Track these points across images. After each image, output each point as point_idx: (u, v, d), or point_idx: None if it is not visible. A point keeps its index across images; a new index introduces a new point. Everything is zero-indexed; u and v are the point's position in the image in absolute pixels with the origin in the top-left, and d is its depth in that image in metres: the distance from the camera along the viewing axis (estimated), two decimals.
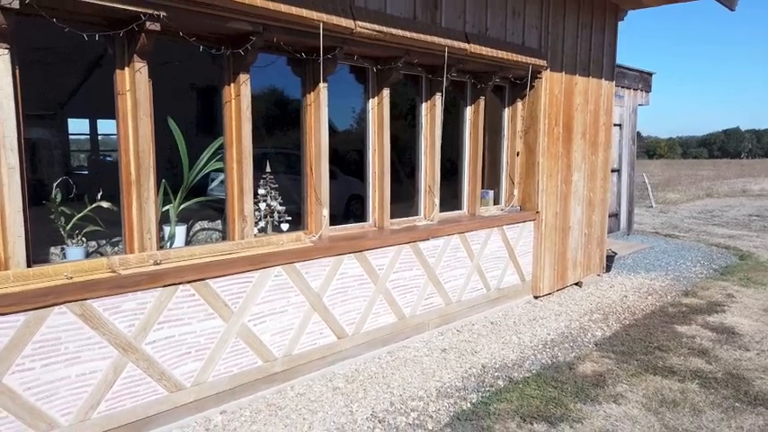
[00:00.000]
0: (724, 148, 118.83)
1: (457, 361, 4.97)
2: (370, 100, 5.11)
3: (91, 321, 3.29)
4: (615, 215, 11.56)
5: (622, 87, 11.08)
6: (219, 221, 4.76)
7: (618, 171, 11.51)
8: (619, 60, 8.25)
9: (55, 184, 3.64)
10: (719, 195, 23.99)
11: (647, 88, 11.96)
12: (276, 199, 4.54)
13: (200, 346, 3.82)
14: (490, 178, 6.86)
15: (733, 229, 13.35)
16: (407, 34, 4.78)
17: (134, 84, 3.52)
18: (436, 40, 5.06)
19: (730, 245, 10.90)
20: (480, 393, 4.33)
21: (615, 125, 10.98)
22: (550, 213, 6.89)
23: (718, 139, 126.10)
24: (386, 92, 5.07)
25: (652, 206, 18.96)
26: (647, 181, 20.21)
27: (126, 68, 3.53)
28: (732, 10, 7.69)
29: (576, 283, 7.56)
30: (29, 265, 3.14)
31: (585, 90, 7.29)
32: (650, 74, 11.98)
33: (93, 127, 11.64)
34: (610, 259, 8.34)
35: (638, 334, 5.67)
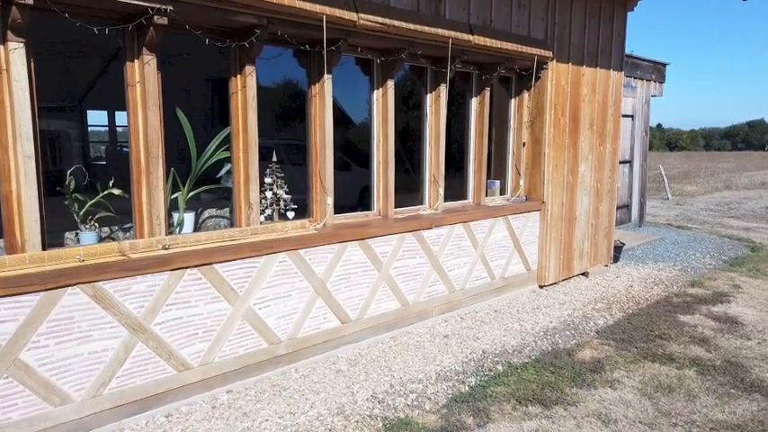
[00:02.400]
0: (748, 140, 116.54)
1: (458, 346, 5.09)
2: (375, 91, 5.21)
3: (102, 302, 3.47)
4: (626, 206, 11.54)
5: (635, 78, 11.03)
6: (227, 209, 4.91)
7: (630, 162, 11.47)
8: (635, 52, 8.23)
9: (68, 172, 3.81)
10: (738, 188, 23.66)
11: (661, 79, 11.88)
12: (282, 187, 4.69)
13: (207, 328, 3.99)
14: (496, 168, 6.94)
15: (749, 222, 13.23)
16: (411, 26, 4.87)
17: (143, 75, 3.67)
18: (440, 31, 5.14)
19: (743, 237, 10.83)
20: (479, 377, 4.44)
21: (627, 116, 10.95)
22: (556, 204, 6.94)
23: (741, 131, 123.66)
24: (390, 83, 5.17)
25: (668, 198, 18.81)
26: (663, 173, 20.03)
27: (135, 61, 3.68)
28: None
29: (583, 273, 7.61)
30: (44, 248, 3.32)
31: (593, 81, 7.31)
32: (664, 64, 11.89)
33: (112, 119, 11.92)
34: (618, 250, 8.37)
35: (641, 323, 5.73)
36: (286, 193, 4.69)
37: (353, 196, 6.75)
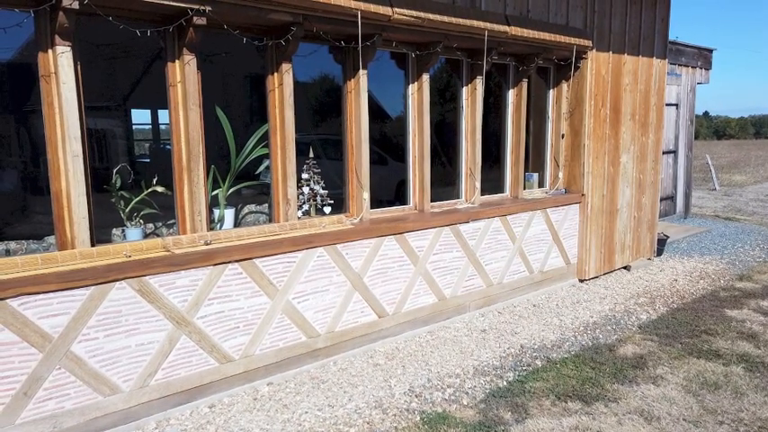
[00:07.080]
0: None
1: (496, 341, 5.06)
2: (410, 85, 5.20)
3: (148, 296, 3.58)
4: (671, 198, 11.21)
5: (679, 65, 10.68)
6: (266, 205, 4.99)
7: (674, 152, 11.13)
8: (680, 37, 7.96)
9: (114, 171, 3.95)
10: None
11: (707, 65, 11.46)
12: (319, 183, 4.74)
13: (248, 322, 4.08)
14: (534, 161, 6.84)
15: None
16: (446, 19, 4.84)
17: (184, 75, 3.76)
18: (475, 23, 5.09)
19: None
20: (517, 372, 4.41)
21: (671, 105, 10.62)
22: (597, 196, 6.81)
23: None
24: (425, 77, 5.15)
25: (715, 189, 18.17)
26: (710, 163, 19.35)
27: (176, 61, 3.77)
28: None
29: (625, 267, 7.44)
30: (92, 245, 3.45)
31: (635, 69, 7.11)
32: (710, 50, 11.47)
33: (155, 117, 12.25)
34: (661, 243, 8.15)
35: (685, 317, 5.57)
36: (323, 188, 4.74)
37: (390, 190, 6.76)
